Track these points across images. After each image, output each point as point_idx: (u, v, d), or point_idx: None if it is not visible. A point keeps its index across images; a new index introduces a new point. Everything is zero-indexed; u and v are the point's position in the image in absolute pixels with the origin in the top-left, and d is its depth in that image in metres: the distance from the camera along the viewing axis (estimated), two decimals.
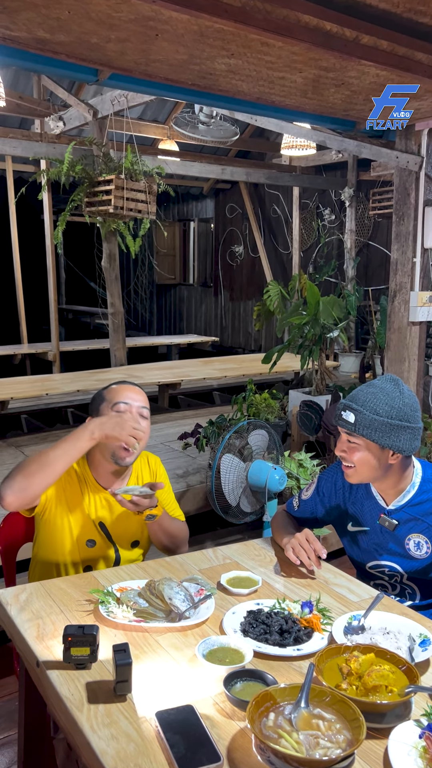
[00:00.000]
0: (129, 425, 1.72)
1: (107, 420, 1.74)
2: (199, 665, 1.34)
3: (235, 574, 1.75)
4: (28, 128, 7.05)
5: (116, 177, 5.26)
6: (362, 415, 1.72)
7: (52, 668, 1.32)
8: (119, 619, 1.49)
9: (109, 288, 6.25)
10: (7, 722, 2.32)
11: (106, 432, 1.71)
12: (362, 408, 1.73)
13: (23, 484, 1.68)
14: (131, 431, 1.73)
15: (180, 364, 7.03)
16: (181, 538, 1.98)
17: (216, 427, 3.79)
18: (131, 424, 1.73)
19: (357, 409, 1.73)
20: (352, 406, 1.74)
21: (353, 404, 1.75)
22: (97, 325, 11.41)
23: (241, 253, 10.27)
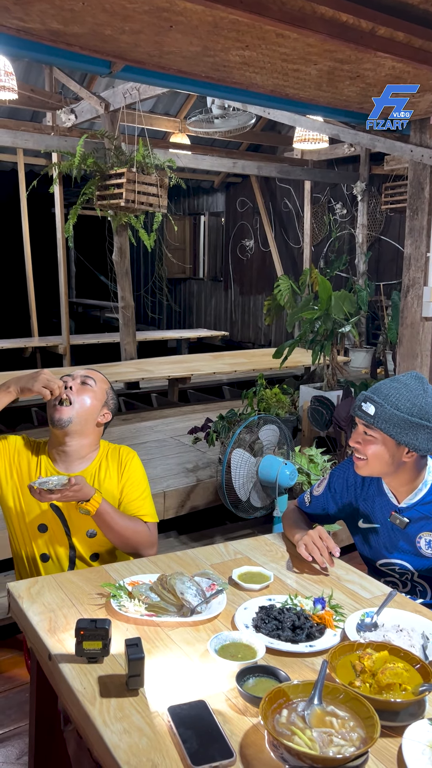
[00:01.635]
0: (43, 377, 1.75)
1: (23, 375, 1.80)
2: (211, 660, 1.34)
3: (247, 569, 1.75)
4: (40, 121, 7.04)
5: (128, 170, 5.25)
6: (383, 409, 1.70)
7: (64, 662, 1.32)
8: (131, 613, 1.49)
9: (119, 282, 6.25)
10: (17, 713, 2.33)
11: (21, 384, 1.77)
12: (383, 401, 1.71)
13: None
14: (45, 383, 1.75)
15: (190, 358, 7.02)
16: (134, 541, 1.85)
17: (226, 421, 3.78)
18: (45, 377, 1.76)
19: (378, 402, 1.71)
20: (374, 398, 1.73)
21: (375, 396, 1.73)
22: (107, 319, 11.43)
23: (252, 248, 10.24)
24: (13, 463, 1.86)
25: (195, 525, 3.81)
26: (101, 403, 1.90)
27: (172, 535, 3.66)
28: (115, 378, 5.61)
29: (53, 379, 1.77)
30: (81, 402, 1.84)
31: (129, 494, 1.92)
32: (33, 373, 1.78)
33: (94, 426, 1.89)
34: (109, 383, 1.99)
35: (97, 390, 1.89)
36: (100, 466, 1.92)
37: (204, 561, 1.82)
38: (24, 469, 1.86)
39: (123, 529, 1.83)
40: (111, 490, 1.90)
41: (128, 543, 1.87)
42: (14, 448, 1.88)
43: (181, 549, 3.51)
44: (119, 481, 1.93)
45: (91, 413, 1.86)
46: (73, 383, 1.87)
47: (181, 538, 3.61)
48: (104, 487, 1.89)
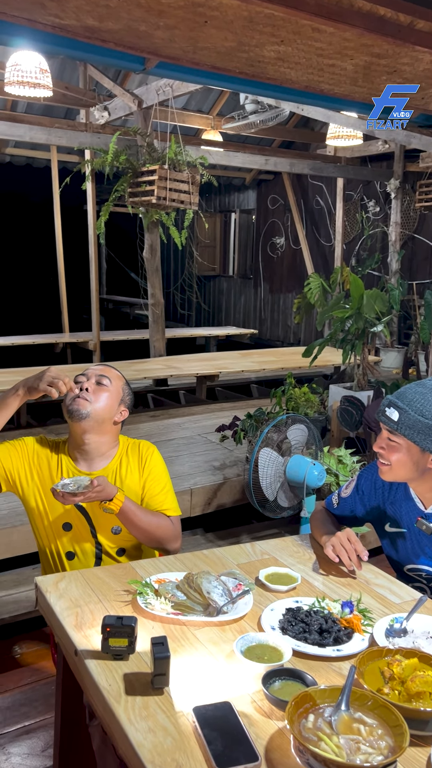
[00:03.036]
0: (48, 376, 1.72)
1: (31, 376, 1.77)
2: (237, 661, 1.33)
3: (274, 570, 1.73)
4: (74, 118, 7.10)
5: (160, 167, 5.26)
6: (407, 415, 1.67)
7: (90, 657, 1.32)
8: (157, 611, 1.48)
9: (149, 279, 6.27)
10: (43, 705, 2.35)
11: (28, 384, 1.74)
12: (408, 407, 1.67)
13: None
14: (50, 381, 1.71)
15: (218, 356, 7.02)
16: (158, 536, 1.84)
17: (254, 420, 3.76)
18: (50, 375, 1.72)
19: (402, 408, 1.68)
20: (398, 403, 1.69)
21: (399, 402, 1.69)
22: (136, 316, 11.48)
23: (283, 245, 10.18)
24: (33, 464, 1.86)
25: (221, 523, 3.80)
26: (118, 401, 1.89)
27: (199, 533, 3.65)
28: (144, 374, 5.64)
29: (59, 377, 1.72)
30: (98, 402, 1.83)
31: (151, 489, 1.91)
32: (39, 373, 1.74)
33: (111, 424, 1.88)
34: (124, 379, 1.97)
35: (112, 388, 1.88)
36: (120, 463, 1.91)
37: (231, 560, 1.81)
38: (45, 469, 1.86)
39: (147, 525, 1.83)
40: (133, 486, 1.90)
41: (152, 538, 1.87)
42: (33, 450, 1.88)
43: (207, 547, 3.52)
44: (140, 477, 1.92)
45: (108, 412, 1.85)
46: (89, 384, 1.85)
47: (208, 535, 3.61)
48: (126, 483, 1.89)
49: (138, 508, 1.82)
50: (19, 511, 2.92)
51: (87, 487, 1.68)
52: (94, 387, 1.85)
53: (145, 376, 5.69)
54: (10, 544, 2.95)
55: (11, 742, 2.18)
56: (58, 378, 1.71)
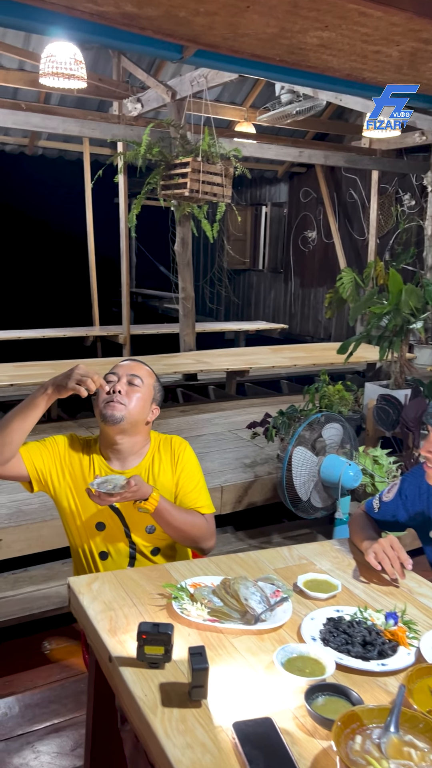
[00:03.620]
0: (76, 374, 1.65)
1: (59, 374, 1.69)
2: (277, 673, 1.27)
3: (312, 576, 1.67)
4: (106, 111, 7.07)
5: (193, 159, 5.19)
6: None
7: (124, 665, 1.28)
8: (193, 617, 1.43)
9: (181, 272, 6.23)
10: (73, 703, 2.33)
11: (57, 383, 1.67)
12: None
13: None
14: (78, 379, 1.65)
15: (249, 351, 6.95)
16: (193, 534, 1.80)
17: (286, 417, 3.69)
18: (78, 373, 1.65)
19: None
20: None
21: None
22: (165, 310, 11.46)
23: (314, 239, 10.04)
24: (65, 463, 1.82)
25: (251, 521, 3.75)
26: (150, 400, 1.85)
27: (229, 531, 3.61)
28: (174, 369, 5.60)
29: (88, 374, 1.66)
30: (131, 404, 1.79)
31: (184, 486, 1.87)
32: (67, 371, 1.68)
33: (144, 425, 1.85)
34: (155, 375, 1.91)
35: (144, 389, 1.83)
36: (153, 460, 1.87)
37: (267, 564, 1.75)
38: (77, 469, 1.82)
39: (182, 524, 1.79)
40: (166, 483, 1.86)
41: (187, 537, 1.83)
42: (64, 449, 1.84)
43: (238, 545, 3.47)
44: (174, 474, 1.88)
45: (141, 414, 1.81)
46: (121, 386, 1.80)
47: (238, 534, 3.56)
48: (159, 481, 1.85)
49: (173, 506, 1.78)
50: (49, 506, 2.90)
51: (123, 486, 1.64)
52: (126, 388, 1.81)
53: (175, 371, 5.65)
54: (40, 538, 2.94)
55: (40, 740, 2.16)
56: (86, 375, 1.65)
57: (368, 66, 2.62)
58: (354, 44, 2.36)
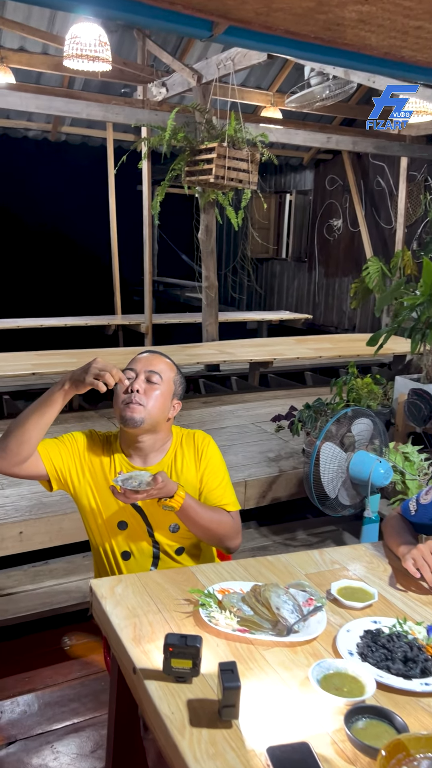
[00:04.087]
0: (94, 369, 1.55)
1: (77, 369, 1.60)
2: (313, 691, 1.18)
3: (347, 583, 1.58)
4: (131, 96, 6.96)
5: (218, 145, 5.07)
6: None
7: (150, 678, 1.20)
8: (222, 626, 1.35)
9: (204, 261, 6.12)
10: (93, 702, 2.28)
11: (74, 378, 1.58)
12: None
13: (2, 444, 1.62)
14: (96, 374, 1.55)
15: (272, 341, 6.83)
16: (219, 533, 1.73)
17: (313, 411, 3.59)
18: (96, 368, 1.55)
19: None
20: None
21: None
22: (186, 299, 11.36)
23: (340, 227, 9.85)
24: (84, 461, 1.74)
25: (275, 516, 3.66)
26: (170, 397, 1.75)
27: (252, 526, 3.52)
28: (197, 360, 5.51)
29: (106, 368, 1.56)
30: (151, 404, 1.70)
31: (209, 483, 1.80)
32: (84, 365, 1.59)
33: (165, 422, 1.76)
34: (176, 367, 1.81)
35: (164, 385, 1.73)
36: (176, 456, 1.79)
37: (298, 569, 1.67)
38: (97, 467, 1.75)
39: (208, 523, 1.71)
40: (190, 479, 1.78)
41: (213, 535, 1.75)
42: (83, 446, 1.76)
43: (261, 541, 3.39)
44: (198, 470, 1.80)
45: (161, 413, 1.73)
46: (139, 385, 1.70)
47: (261, 529, 3.48)
48: (184, 477, 1.77)
49: (198, 504, 1.70)
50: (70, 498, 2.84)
51: (149, 483, 1.56)
52: (145, 386, 1.71)
53: (197, 362, 5.56)
54: (60, 531, 2.89)
55: (60, 740, 2.11)
56: (105, 370, 1.56)
57: (408, 43, 2.46)
58: (395, 19, 2.21)
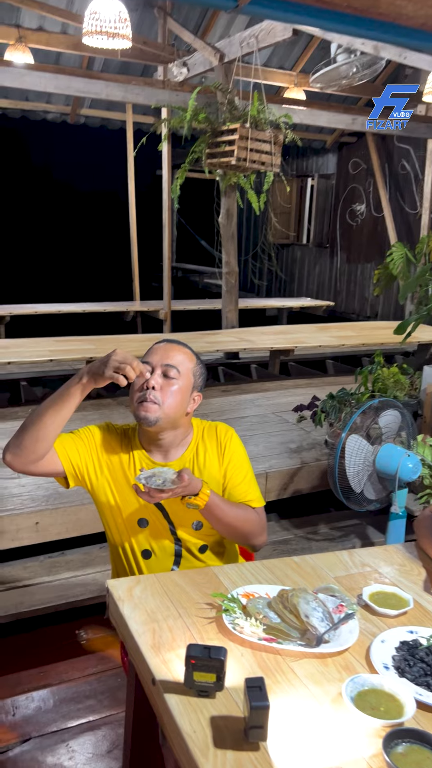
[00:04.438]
0: (113, 361, 1.45)
1: (96, 361, 1.49)
2: (346, 710, 1.09)
3: (379, 588, 1.48)
4: (151, 76, 6.81)
5: (240, 126, 4.94)
6: None
7: (170, 691, 1.12)
8: (247, 635, 1.26)
9: (224, 246, 6.00)
10: (109, 699, 2.21)
11: (93, 371, 1.48)
12: None
13: (18, 440, 1.52)
14: (116, 365, 1.44)
15: (294, 329, 6.69)
16: (245, 531, 1.65)
17: (336, 401, 3.48)
18: (116, 360, 1.45)
19: None
20: None
21: None
22: (205, 285, 11.23)
23: (363, 212, 9.63)
24: (102, 457, 1.65)
25: (296, 509, 3.57)
26: (189, 391, 1.64)
27: (273, 519, 3.43)
28: (216, 347, 5.41)
29: (126, 361, 1.45)
30: (168, 401, 1.58)
31: (233, 478, 1.70)
32: (103, 357, 1.49)
33: (184, 416, 1.65)
34: (195, 357, 1.68)
35: (182, 379, 1.61)
36: (197, 450, 1.69)
37: (326, 572, 1.57)
38: (116, 462, 1.65)
39: (233, 520, 1.62)
40: (214, 474, 1.69)
41: (238, 533, 1.67)
42: (101, 441, 1.66)
43: (282, 534, 3.29)
44: (221, 464, 1.70)
45: (179, 409, 1.62)
46: (155, 380, 1.58)
47: (282, 522, 3.38)
48: (207, 472, 1.68)
49: (223, 501, 1.61)
50: None
51: (174, 481, 1.47)
52: (161, 382, 1.59)
53: (216, 349, 5.46)
54: (77, 522, 2.82)
55: (75, 739, 2.05)
56: (125, 362, 1.45)
57: None
58: None
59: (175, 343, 1.68)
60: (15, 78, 5.10)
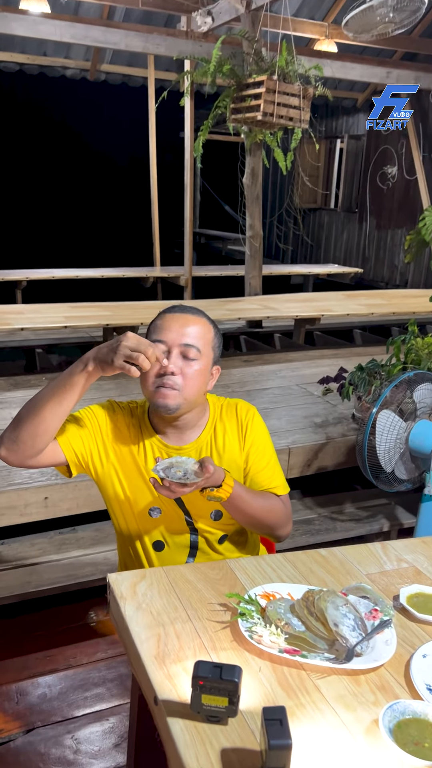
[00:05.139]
0: (123, 348, 1.24)
1: (104, 346, 1.28)
2: (383, 743, 0.92)
3: (419, 589, 1.29)
4: (174, 27, 6.46)
5: (268, 78, 4.61)
6: None
7: (174, 715, 0.95)
8: (266, 645, 1.09)
9: (249, 208, 5.72)
10: (118, 688, 2.08)
11: (100, 358, 1.26)
12: None
13: (14, 434, 1.32)
14: (127, 354, 1.24)
15: (320, 296, 6.42)
16: (269, 522, 1.49)
17: (366, 373, 3.25)
18: (127, 347, 1.24)
19: None
20: None
21: None
22: (228, 252, 10.93)
23: (395, 175, 9.20)
24: (108, 441, 1.44)
25: (321, 486, 3.39)
26: (210, 367, 1.43)
27: (295, 496, 3.26)
28: (238, 315, 5.19)
29: (139, 348, 1.24)
30: (188, 386, 1.38)
31: (256, 463, 1.52)
32: (112, 341, 1.27)
33: (203, 396, 1.46)
34: (212, 326, 1.46)
35: (203, 358, 1.41)
36: (215, 431, 1.49)
37: (357, 568, 1.39)
38: (123, 447, 1.45)
39: (257, 512, 1.45)
40: (235, 458, 1.50)
41: (262, 525, 1.50)
42: (105, 423, 1.45)
43: (305, 513, 3.12)
44: (242, 448, 1.51)
45: (200, 390, 1.42)
46: (174, 365, 1.37)
47: (305, 501, 3.21)
48: (227, 456, 1.49)
49: (247, 492, 1.43)
50: None
51: (198, 473, 1.29)
52: (181, 365, 1.38)
53: (239, 317, 5.24)
54: (89, 497, 2.67)
55: (81, 730, 1.92)
56: (137, 350, 1.24)
57: None
58: None
59: (189, 312, 1.44)
60: (30, 27, 4.82)
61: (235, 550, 1.55)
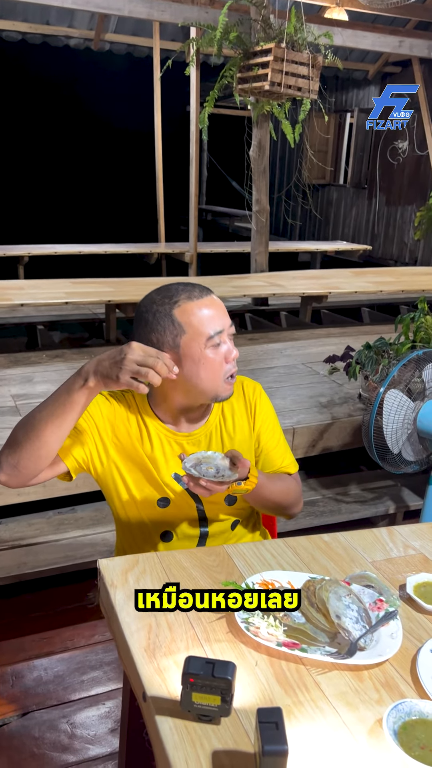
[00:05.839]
0: (129, 363, 1.12)
1: (105, 358, 1.15)
2: (387, 747, 0.85)
3: (427, 578, 1.22)
4: None
5: (276, 46, 4.45)
6: None
7: (163, 713, 0.89)
8: (263, 637, 1.02)
9: (255, 182, 5.58)
10: (115, 671, 2.04)
11: (102, 372, 1.14)
12: None
13: (13, 459, 1.21)
14: (134, 369, 1.12)
15: (327, 274, 6.30)
16: (286, 503, 1.46)
17: (373, 352, 3.16)
18: (133, 361, 1.12)
19: None
20: None
21: None
22: (235, 229, 10.76)
23: (405, 150, 8.98)
24: (106, 436, 1.34)
25: (326, 467, 3.32)
26: None
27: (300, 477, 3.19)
28: (243, 292, 5.09)
29: (146, 361, 1.13)
30: None
31: (268, 442, 1.47)
32: (114, 353, 1.15)
33: None
34: None
35: None
36: (223, 414, 1.42)
37: (361, 554, 1.32)
38: (123, 439, 1.36)
39: (277, 496, 1.42)
40: (245, 440, 1.44)
41: (278, 506, 1.47)
42: (101, 419, 1.34)
43: (310, 495, 3.05)
44: (251, 429, 1.45)
45: None
46: (235, 349, 1.31)
47: (310, 482, 3.15)
48: (238, 439, 1.42)
49: (269, 479, 1.39)
50: None
51: (232, 469, 1.23)
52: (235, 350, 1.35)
53: (244, 294, 5.14)
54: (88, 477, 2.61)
55: (76, 714, 1.89)
56: (145, 364, 1.13)
57: None
58: None
59: (209, 292, 1.32)
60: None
61: (248, 534, 1.50)
